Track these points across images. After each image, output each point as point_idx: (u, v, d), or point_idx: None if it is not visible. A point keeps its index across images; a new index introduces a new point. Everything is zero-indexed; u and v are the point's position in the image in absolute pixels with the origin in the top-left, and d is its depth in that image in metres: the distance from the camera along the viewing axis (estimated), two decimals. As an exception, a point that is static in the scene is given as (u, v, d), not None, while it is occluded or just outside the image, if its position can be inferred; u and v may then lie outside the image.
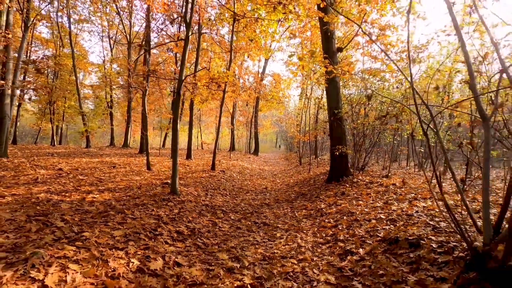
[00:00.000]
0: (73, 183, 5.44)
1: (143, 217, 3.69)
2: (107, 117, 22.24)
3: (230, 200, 5.88)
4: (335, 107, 7.09)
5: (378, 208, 4.42)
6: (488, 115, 2.37)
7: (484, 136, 2.40)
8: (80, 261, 2.32)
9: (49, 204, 3.78)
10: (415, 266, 2.50)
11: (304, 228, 4.18)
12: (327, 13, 6.12)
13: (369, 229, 3.62)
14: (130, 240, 2.95)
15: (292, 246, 3.46)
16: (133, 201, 4.36)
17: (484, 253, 2.08)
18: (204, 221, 4.16)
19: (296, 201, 6.19)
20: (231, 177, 8.95)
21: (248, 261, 2.97)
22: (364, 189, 5.90)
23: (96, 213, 3.57)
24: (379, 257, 2.80)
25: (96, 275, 2.19)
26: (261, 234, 3.98)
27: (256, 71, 22.98)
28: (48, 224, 2.95)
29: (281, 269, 2.80)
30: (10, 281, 1.90)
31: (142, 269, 2.47)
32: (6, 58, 8.25)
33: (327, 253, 3.19)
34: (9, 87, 7.73)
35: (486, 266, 2.04)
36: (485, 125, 2.38)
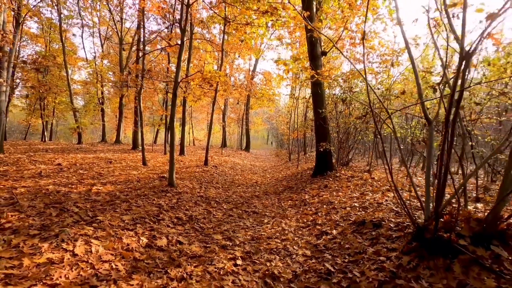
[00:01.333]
0: (75, 177, 5.84)
1: (145, 205, 4.17)
2: (98, 113, 22.27)
3: (222, 192, 6.39)
4: (319, 107, 7.65)
5: (354, 198, 5.01)
6: (431, 119, 2.95)
7: (429, 135, 2.98)
8: (99, 238, 2.79)
9: (60, 195, 4.21)
10: (375, 241, 3.07)
11: (288, 216, 4.73)
12: (312, 21, 6.65)
13: (343, 215, 4.20)
14: (138, 223, 3.43)
15: (277, 229, 4.01)
16: (135, 192, 4.82)
17: (423, 228, 2.67)
18: (199, 210, 4.66)
19: (283, 193, 6.75)
20: (223, 172, 9.44)
21: (239, 240, 3.50)
22: (345, 182, 6.50)
23: (104, 202, 4.03)
24: (348, 235, 3.37)
25: (114, 248, 2.68)
26: (250, 220, 4.51)
27: (247, 69, 23.41)
28: (65, 210, 3.40)
29: (266, 246, 3.34)
30: (48, 250, 2.36)
31: (150, 245, 2.97)
32: (3, 57, 8.45)
33: (306, 234, 3.75)
34: (7, 85, 7.96)
35: (424, 237, 2.62)
36: (430, 128, 2.96)
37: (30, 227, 2.75)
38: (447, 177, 2.65)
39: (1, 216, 2.94)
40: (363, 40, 3.14)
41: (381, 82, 8.67)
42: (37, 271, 2.09)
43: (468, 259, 2.23)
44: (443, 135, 2.40)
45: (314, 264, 2.80)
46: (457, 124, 3.28)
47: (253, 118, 30.64)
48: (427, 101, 2.95)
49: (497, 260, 2.19)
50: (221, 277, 2.54)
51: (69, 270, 2.18)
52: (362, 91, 8.76)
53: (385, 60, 10.25)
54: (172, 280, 2.40)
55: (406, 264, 2.44)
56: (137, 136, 15.19)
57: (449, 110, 2.31)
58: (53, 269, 2.14)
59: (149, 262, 2.63)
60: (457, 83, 2.34)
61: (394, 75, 8.20)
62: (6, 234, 2.55)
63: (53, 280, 2.03)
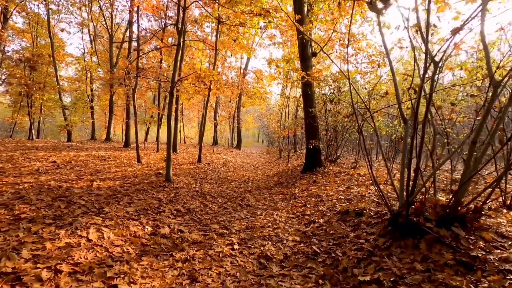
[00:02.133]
0: (73, 174, 6.01)
1: (146, 199, 4.43)
2: (87, 111, 22.03)
3: (217, 188, 6.69)
4: (309, 106, 8.03)
5: (341, 191, 5.41)
6: (407, 119, 3.35)
7: (405, 133, 3.37)
8: (108, 226, 3.06)
9: (63, 190, 4.42)
10: (356, 227, 3.46)
11: (279, 208, 5.09)
12: (302, 24, 6.99)
13: (330, 206, 4.58)
14: (141, 214, 3.71)
15: (269, 220, 4.36)
16: (135, 187, 5.07)
17: (397, 214, 3.06)
18: (196, 203, 4.96)
19: (274, 188, 7.11)
20: (216, 169, 9.73)
21: (235, 229, 3.82)
22: (332, 178, 6.91)
23: (107, 196, 4.27)
24: (333, 223, 3.75)
25: (123, 235, 2.96)
26: (244, 212, 4.84)
27: (239, 67, 23.63)
28: (72, 203, 3.64)
29: (260, 233, 3.68)
30: (65, 236, 2.63)
31: (155, 232, 3.26)
32: None
33: (296, 223, 4.11)
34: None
35: (398, 222, 3.01)
36: (405, 126, 3.35)
37: (44, 217, 2.99)
38: (418, 171, 3.05)
39: (14, 208, 3.16)
40: (347, 47, 3.50)
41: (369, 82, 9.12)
42: (59, 253, 2.35)
43: (433, 238, 2.62)
44: (412, 133, 2.78)
45: (303, 247, 3.16)
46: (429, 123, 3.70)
47: (244, 116, 30.90)
48: (402, 102, 3.32)
49: (456, 238, 2.59)
50: (220, 259, 2.86)
51: (86, 252, 2.46)
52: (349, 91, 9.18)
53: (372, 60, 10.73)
54: (177, 262, 2.71)
55: (382, 244, 2.83)
56: (129, 134, 15.25)
57: (416, 110, 2.69)
58: (72, 251, 2.42)
59: (155, 247, 2.93)
60: (422, 88, 2.72)
61: (381, 75, 8.67)
62: (24, 223, 2.79)
63: (75, 260, 2.30)
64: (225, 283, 2.40)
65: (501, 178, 2.76)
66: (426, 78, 2.89)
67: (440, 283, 2.05)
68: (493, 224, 2.85)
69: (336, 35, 9.41)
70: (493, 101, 2.68)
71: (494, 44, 4.02)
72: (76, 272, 2.18)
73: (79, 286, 2.03)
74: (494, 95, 2.66)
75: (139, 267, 2.48)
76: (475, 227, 2.76)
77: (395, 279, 2.22)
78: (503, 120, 2.80)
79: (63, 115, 17.88)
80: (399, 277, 2.24)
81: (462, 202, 2.85)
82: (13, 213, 3.05)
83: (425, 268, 2.28)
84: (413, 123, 2.77)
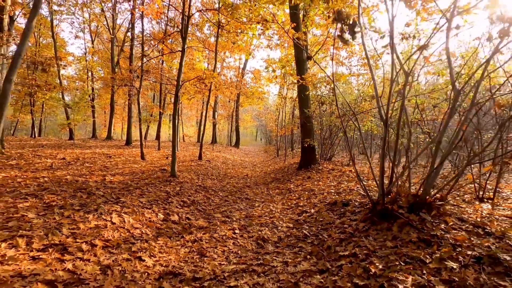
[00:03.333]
0: (85, 169, 6.47)
1: (155, 191, 4.91)
2: (89, 109, 22.40)
3: (217, 183, 7.18)
4: (304, 107, 8.52)
5: (332, 186, 5.91)
6: (385, 120, 3.84)
7: (384, 133, 3.87)
8: (127, 213, 3.54)
9: (80, 183, 4.88)
10: (342, 215, 3.95)
11: (275, 201, 5.58)
12: (298, 31, 7.47)
13: (321, 198, 5.07)
14: (153, 204, 4.19)
15: (266, 210, 4.85)
16: (143, 181, 5.54)
17: (376, 202, 3.56)
18: (200, 196, 5.44)
19: (271, 183, 7.61)
20: (216, 166, 10.21)
21: (235, 218, 4.31)
22: (326, 174, 7.41)
23: (120, 188, 4.74)
24: (323, 213, 4.24)
25: (140, 220, 3.44)
26: (243, 204, 5.33)
27: (237, 66, 24.08)
28: (92, 194, 4.11)
29: (258, 221, 4.17)
30: (93, 219, 3.10)
31: (166, 219, 3.74)
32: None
33: (290, 213, 4.60)
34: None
35: (376, 209, 3.51)
36: (384, 127, 3.84)
37: (72, 205, 3.46)
38: (395, 166, 3.55)
39: (43, 198, 3.63)
40: (332, 59, 3.97)
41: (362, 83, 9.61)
42: (91, 232, 2.83)
43: (403, 222, 3.12)
44: (384, 133, 3.28)
45: (295, 232, 3.65)
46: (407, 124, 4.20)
47: (243, 115, 31.35)
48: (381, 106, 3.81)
49: (422, 222, 3.09)
50: (224, 240, 3.35)
51: (113, 232, 2.94)
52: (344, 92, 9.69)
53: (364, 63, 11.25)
54: (187, 242, 3.19)
55: (361, 228, 3.33)
56: (130, 133, 15.69)
57: (387, 114, 3.19)
58: (102, 231, 2.89)
59: (168, 230, 3.41)
60: (391, 95, 3.22)
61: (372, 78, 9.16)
62: (56, 209, 3.26)
63: (105, 237, 2.78)
64: (229, 257, 2.89)
65: (461, 173, 3.27)
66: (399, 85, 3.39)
67: (404, 255, 2.55)
68: (458, 211, 3.36)
69: (330, 39, 9.89)
70: (454, 106, 3.18)
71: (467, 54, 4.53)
72: (107, 246, 2.66)
73: (111, 256, 2.51)
74: (455, 101, 3.16)
75: (157, 245, 2.96)
76: (441, 213, 3.26)
77: (368, 253, 2.71)
78: (465, 122, 3.31)
79: (65, 113, 18.22)
80: (372, 251, 2.74)
81: (429, 192, 3.35)
82: (44, 201, 3.52)
83: (394, 245, 2.78)
84: (384, 125, 3.26)
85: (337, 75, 9.93)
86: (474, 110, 3.42)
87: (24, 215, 2.95)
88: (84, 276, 2.12)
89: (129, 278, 2.26)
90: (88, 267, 2.24)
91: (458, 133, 3.33)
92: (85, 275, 2.14)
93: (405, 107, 3.62)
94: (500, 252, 2.30)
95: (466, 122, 3.31)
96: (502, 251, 2.32)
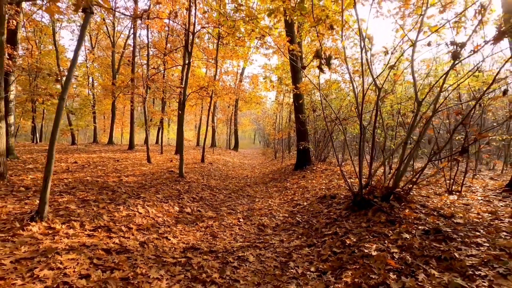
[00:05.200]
0: (99, 172, 7.13)
1: (168, 189, 5.60)
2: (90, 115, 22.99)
3: (221, 183, 7.87)
4: (299, 113, 9.26)
5: (323, 183, 6.63)
6: (365, 126, 4.58)
7: (362, 136, 4.60)
8: (149, 206, 4.23)
9: (100, 183, 5.55)
10: (329, 206, 4.67)
11: (273, 197, 6.29)
12: (293, 43, 8.24)
13: (313, 193, 5.79)
14: (168, 199, 4.88)
15: (265, 204, 5.56)
16: (156, 181, 6.22)
17: (356, 194, 4.28)
18: (206, 193, 6.14)
19: (270, 183, 8.32)
20: (218, 168, 10.90)
21: (239, 210, 5.02)
22: (319, 174, 8.13)
23: (137, 187, 5.43)
24: (314, 204, 4.96)
25: (161, 211, 4.14)
26: (245, 200, 6.04)
27: (235, 71, 24.85)
28: (115, 191, 4.79)
29: (258, 213, 4.87)
30: (124, 210, 3.80)
31: (181, 211, 4.44)
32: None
33: (286, 206, 5.31)
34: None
35: (357, 200, 4.23)
36: (360, 134, 4.58)
37: (103, 199, 4.15)
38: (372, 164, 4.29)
39: (75, 194, 4.31)
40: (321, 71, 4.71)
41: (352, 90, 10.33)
42: (124, 219, 3.52)
43: (377, 208, 3.84)
44: (360, 136, 4.02)
45: (289, 220, 4.36)
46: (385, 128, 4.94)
47: (241, 119, 32.10)
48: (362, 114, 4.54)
49: (391, 208, 3.81)
50: (231, 227, 4.05)
51: (141, 219, 3.63)
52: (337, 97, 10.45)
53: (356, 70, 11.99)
54: (201, 228, 3.89)
55: (344, 214, 4.05)
56: (133, 137, 16.35)
57: (360, 121, 3.92)
58: (133, 218, 3.58)
59: (184, 219, 4.11)
60: (359, 105, 3.94)
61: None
62: (91, 202, 3.94)
63: (136, 223, 3.47)
64: (236, 238, 3.59)
65: (423, 169, 4.00)
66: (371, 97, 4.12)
67: (373, 231, 3.26)
68: (423, 200, 4.09)
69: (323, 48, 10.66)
70: (417, 114, 3.92)
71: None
72: (140, 229, 3.35)
73: (144, 236, 3.20)
74: (418, 110, 3.90)
75: (177, 229, 3.66)
76: (408, 201, 4.00)
77: (346, 231, 3.43)
78: (427, 126, 4.05)
79: (67, 119, 18.80)
80: (349, 230, 3.46)
81: (398, 185, 4.09)
82: (78, 197, 4.20)
83: (367, 225, 3.50)
84: (360, 131, 4.00)
85: (330, 82, 10.74)
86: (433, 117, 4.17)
87: (67, 207, 3.63)
88: (129, 247, 2.81)
89: (161, 250, 2.95)
90: (130, 242, 2.94)
91: (422, 136, 4.08)
92: (129, 247, 2.83)
93: (381, 114, 4.37)
94: (443, 227, 3.03)
95: (429, 127, 4.06)
96: (445, 226, 3.05)
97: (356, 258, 2.72)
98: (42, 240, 2.60)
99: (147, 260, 2.65)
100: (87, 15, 2.89)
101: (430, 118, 4.04)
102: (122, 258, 2.56)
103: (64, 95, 3.19)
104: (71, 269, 2.21)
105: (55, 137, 3.28)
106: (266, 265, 2.81)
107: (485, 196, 4.61)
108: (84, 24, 3.49)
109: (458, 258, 2.37)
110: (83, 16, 4.18)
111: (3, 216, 3.09)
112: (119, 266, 2.41)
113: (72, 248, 2.53)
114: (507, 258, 2.29)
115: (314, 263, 2.80)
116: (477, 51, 3.29)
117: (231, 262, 2.83)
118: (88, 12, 2.55)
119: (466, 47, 3.35)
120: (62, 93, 3.20)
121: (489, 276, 2.09)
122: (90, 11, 2.55)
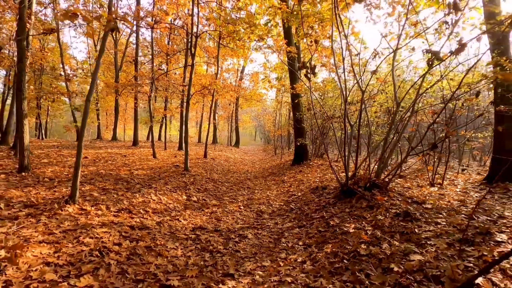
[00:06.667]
0: (111, 166, 7.70)
1: (175, 181, 6.17)
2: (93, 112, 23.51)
3: (223, 176, 8.45)
4: (297, 111, 9.80)
5: (317, 176, 7.19)
6: (352, 124, 5.12)
7: (347, 134, 5.14)
8: (160, 194, 4.80)
9: (114, 175, 6.12)
10: (320, 195, 5.24)
11: (271, 189, 6.86)
12: (290, 45, 8.75)
13: (307, 185, 6.35)
14: (176, 189, 5.45)
15: (263, 195, 6.13)
16: (163, 174, 6.79)
17: (343, 185, 4.84)
18: (210, 185, 6.71)
19: (268, 177, 8.89)
20: (220, 163, 11.48)
21: (240, 199, 5.59)
22: (315, 168, 8.69)
23: (147, 179, 6.00)
24: (306, 194, 5.52)
25: (171, 198, 4.71)
26: (245, 191, 6.61)
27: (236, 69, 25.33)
28: (129, 182, 5.36)
29: (257, 202, 5.45)
30: (139, 197, 4.37)
31: (189, 199, 5.01)
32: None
33: (282, 196, 5.88)
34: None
35: (343, 189, 4.78)
36: (346, 130, 5.13)
37: (120, 189, 4.72)
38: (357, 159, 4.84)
39: (95, 184, 4.88)
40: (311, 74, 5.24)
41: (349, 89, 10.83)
42: (141, 204, 4.09)
43: (359, 196, 4.40)
44: (344, 133, 4.57)
45: (284, 207, 4.93)
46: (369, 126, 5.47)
47: (242, 116, 32.58)
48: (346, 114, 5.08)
49: (373, 196, 4.36)
50: (232, 213, 4.62)
51: (155, 204, 4.20)
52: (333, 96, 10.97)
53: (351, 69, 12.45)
54: (206, 213, 4.46)
55: (331, 202, 4.61)
56: (137, 134, 16.91)
57: (344, 120, 4.47)
58: (148, 204, 4.15)
59: (191, 206, 4.68)
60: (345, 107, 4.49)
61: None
62: (110, 191, 4.51)
63: (151, 207, 4.05)
64: (237, 221, 4.16)
65: (402, 163, 4.56)
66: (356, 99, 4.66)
67: (354, 215, 3.83)
68: (401, 190, 4.65)
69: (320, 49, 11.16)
70: (396, 113, 4.47)
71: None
72: (155, 212, 3.93)
73: (159, 218, 3.78)
74: (397, 110, 4.45)
75: (186, 214, 4.23)
76: (388, 190, 4.55)
77: (331, 215, 4.00)
78: (406, 125, 4.60)
79: (72, 116, 19.35)
80: (334, 214, 4.02)
81: (380, 176, 4.64)
82: (98, 186, 4.77)
83: (350, 210, 4.06)
84: (344, 129, 4.55)
85: (327, 81, 11.25)
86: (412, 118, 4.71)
87: (91, 194, 4.21)
88: (148, 225, 3.38)
89: (174, 229, 3.52)
90: (148, 222, 3.51)
91: (401, 133, 4.63)
92: (148, 225, 3.40)
93: (367, 112, 4.91)
94: (413, 210, 3.59)
95: (410, 126, 4.60)
96: (415, 210, 3.61)
97: (337, 235, 3.29)
98: (78, 218, 3.17)
99: (164, 235, 3.22)
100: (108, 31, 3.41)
101: (409, 118, 4.59)
102: (144, 233, 3.14)
103: (90, 96, 3.74)
104: (106, 238, 2.78)
105: (83, 135, 3.84)
106: (262, 241, 3.38)
107: (464, 188, 5.16)
108: (105, 37, 4.04)
109: (417, 232, 2.93)
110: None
111: (40, 200, 3.67)
112: (142, 238, 2.98)
113: (104, 224, 3.10)
114: (455, 232, 2.85)
115: (302, 239, 3.37)
116: (444, 60, 3.81)
117: (233, 238, 3.41)
118: (115, 31, 3.08)
119: (440, 55, 3.89)
120: (88, 94, 3.75)
121: (437, 245, 2.65)
122: (117, 30, 3.07)
